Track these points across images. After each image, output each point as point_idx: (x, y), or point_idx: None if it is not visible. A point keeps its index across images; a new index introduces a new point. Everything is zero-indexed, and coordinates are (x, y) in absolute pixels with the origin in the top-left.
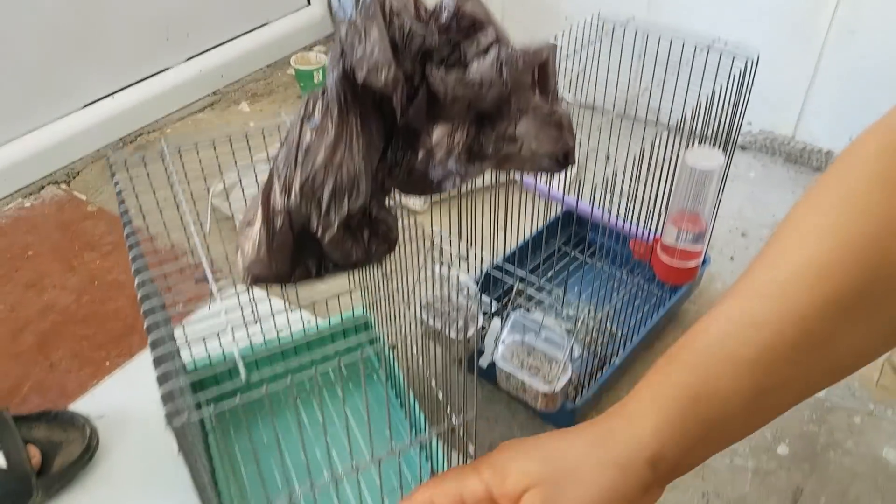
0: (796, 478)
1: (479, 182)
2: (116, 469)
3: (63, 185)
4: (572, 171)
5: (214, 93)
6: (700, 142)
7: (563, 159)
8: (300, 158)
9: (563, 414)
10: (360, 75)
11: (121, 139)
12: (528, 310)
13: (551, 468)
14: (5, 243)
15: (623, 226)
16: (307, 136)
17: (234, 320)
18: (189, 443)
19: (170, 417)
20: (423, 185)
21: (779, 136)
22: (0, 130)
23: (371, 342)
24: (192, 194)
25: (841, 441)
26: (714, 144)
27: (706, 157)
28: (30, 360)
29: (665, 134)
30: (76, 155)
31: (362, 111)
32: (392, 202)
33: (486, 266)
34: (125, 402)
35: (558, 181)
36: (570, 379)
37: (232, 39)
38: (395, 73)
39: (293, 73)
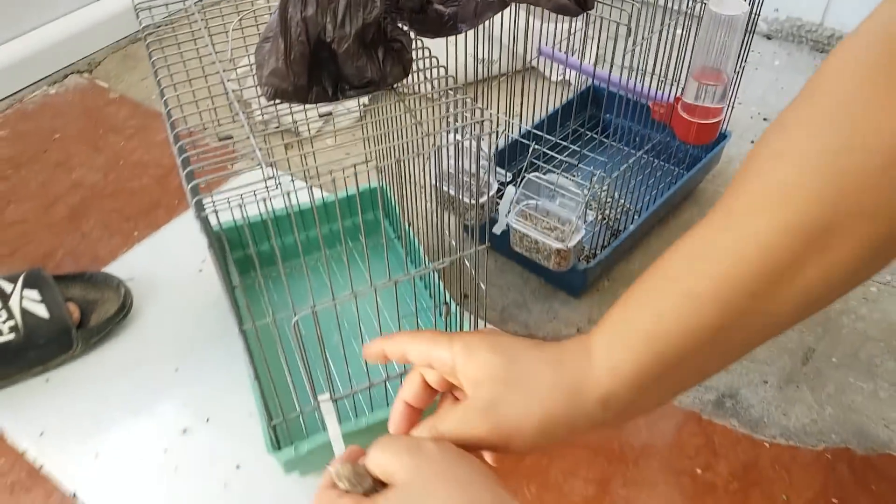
0: (808, 340)
1: (494, 70)
2: (149, 326)
3: (86, 74)
4: (594, 48)
5: None
6: None
7: None
8: None
9: (575, 274)
10: None
11: (137, 31)
12: (543, 172)
13: (510, 370)
14: (33, 127)
15: (642, 90)
16: None
17: (258, 190)
18: (217, 242)
19: (198, 209)
20: (437, 24)
21: (806, 23)
22: (22, 20)
23: (387, 213)
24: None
25: (855, 308)
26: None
27: (731, 5)
28: (62, 230)
29: None
30: (97, 45)
31: None
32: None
33: (501, 141)
34: (154, 266)
35: (578, 54)
36: (583, 238)
37: None
38: None
39: None
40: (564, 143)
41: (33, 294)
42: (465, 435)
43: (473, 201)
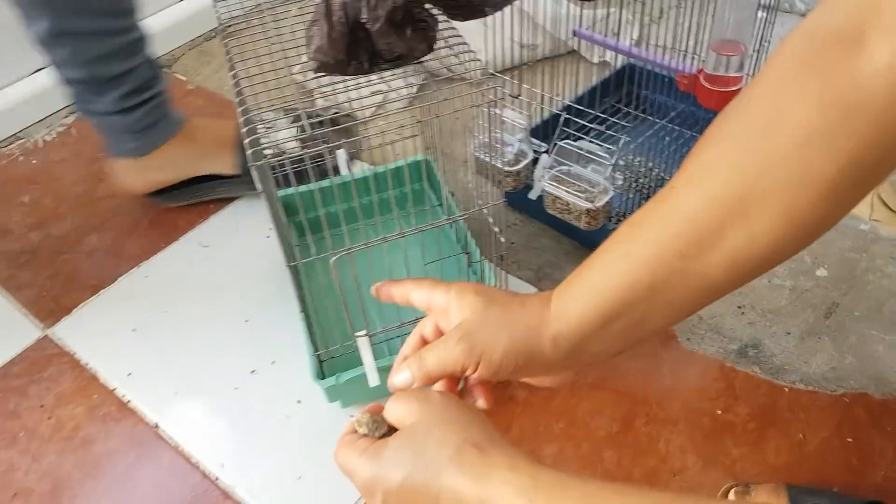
0: (833, 295)
1: (538, 54)
2: (222, 284)
3: (166, 69)
4: (629, 30)
5: None
6: None
7: None
8: None
9: (605, 234)
10: None
11: (212, 30)
12: (575, 140)
13: (487, 307)
14: None
15: (664, 63)
16: None
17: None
18: (268, 186)
19: (252, 146)
20: (468, 9)
21: None
22: None
23: (431, 182)
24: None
25: (881, 266)
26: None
27: None
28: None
29: None
30: (176, 43)
31: None
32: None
33: (539, 117)
34: (227, 235)
35: (609, 34)
36: (611, 200)
37: None
38: None
39: None
40: (602, 115)
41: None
42: (444, 357)
43: (508, 168)
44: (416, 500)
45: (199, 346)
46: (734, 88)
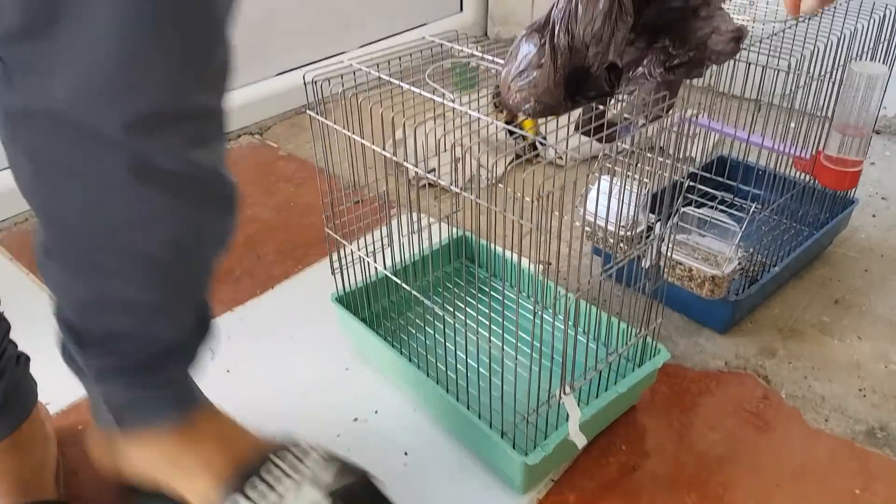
0: None
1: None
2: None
3: (257, 136)
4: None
5: (379, 77)
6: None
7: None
8: (580, 11)
9: (724, 306)
10: None
11: (302, 105)
12: (697, 207)
13: None
14: None
15: (783, 148)
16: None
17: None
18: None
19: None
20: (689, 65)
21: None
22: None
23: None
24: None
25: None
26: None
27: (871, 67)
28: (240, 254)
29: (836, 41)
30: (267, 114)
31: None
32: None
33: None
34: (325, 285)
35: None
36: (736, 267)
37: (394, 35)
38: None
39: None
40: (728, 181)
41: None
42: None
43: (625, 233)
44: None
45: (297, 390)
46: (855, 170)
